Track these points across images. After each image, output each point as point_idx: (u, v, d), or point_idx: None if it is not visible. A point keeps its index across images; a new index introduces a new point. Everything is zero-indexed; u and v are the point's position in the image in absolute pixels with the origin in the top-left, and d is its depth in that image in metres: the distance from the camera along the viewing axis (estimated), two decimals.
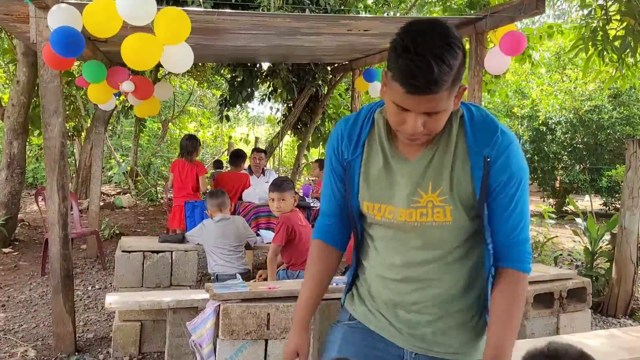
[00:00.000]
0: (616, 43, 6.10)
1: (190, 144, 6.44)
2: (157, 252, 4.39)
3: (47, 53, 4.05)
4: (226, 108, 9.13)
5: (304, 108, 9.59)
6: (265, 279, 4.19)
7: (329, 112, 10.23)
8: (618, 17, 6.10)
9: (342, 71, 8.86)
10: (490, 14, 5.04)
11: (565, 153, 12.72)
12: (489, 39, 5.44)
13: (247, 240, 4.54)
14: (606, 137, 12.03)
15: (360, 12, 6.93)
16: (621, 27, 6.10)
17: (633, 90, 11.40)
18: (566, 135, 12.24)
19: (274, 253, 4.11)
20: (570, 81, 12.34)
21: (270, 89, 9.46)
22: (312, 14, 5.05)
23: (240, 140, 18.01)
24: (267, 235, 5.03)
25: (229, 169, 7.03)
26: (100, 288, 6.06)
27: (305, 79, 9.02)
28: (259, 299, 3.19)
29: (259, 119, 21.21)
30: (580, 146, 12.50)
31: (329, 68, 9.12)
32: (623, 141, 11.89)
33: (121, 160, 13.73)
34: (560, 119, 12.18)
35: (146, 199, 12.18)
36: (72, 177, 13.52)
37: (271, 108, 18.87)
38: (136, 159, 13.41)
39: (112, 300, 3.72)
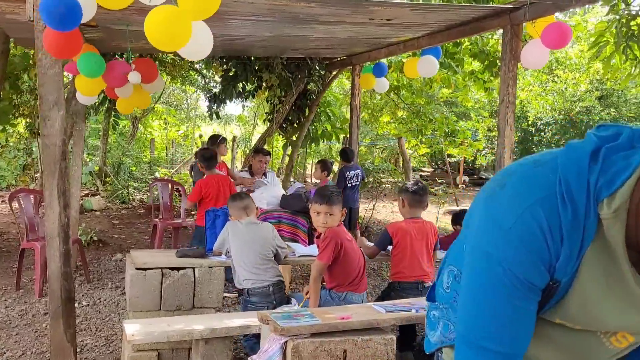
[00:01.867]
0: None
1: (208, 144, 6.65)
2: (178, 269, 3.72)
3: (48, 36, 3.39)
4: (215, 105, 8.40)
5: (292, 106, 8.99)
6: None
7: (318, 109, 9.67)
8: None
9: (339, 66, 8.31)
10: (530, 3, 4.60)
11: None
12: (525, 31, 5.01)
13: (279, 252, 3.90)
14: None
15: None
16: None
17: (622, 91, 11.27)
18: (556, 137, 12.05)
19: (319, 272, 3.51)
20: (561, 82, 12.14)
21: (254, 86, 8.83)
22: None
23: None
24: (297, 248, 4.42)
25: (206, 174, 5.81)
26: (89, 305, 5.36)
27: (296, 75, 8.44)
28: (333, 332, 2.63)
29: (230, 117, 20.50)
30: None
31: (322, 64, 8.57)
32: None
33: (87, 160, 12.84)
34: (550, 120, 11.97)
35: (118, 201, 11.35)
36: (34, 177, 12.58)
37: (243, 107, 18.26)
38: (105, 159, 12.53)
39: (134, 330, 3.08)
